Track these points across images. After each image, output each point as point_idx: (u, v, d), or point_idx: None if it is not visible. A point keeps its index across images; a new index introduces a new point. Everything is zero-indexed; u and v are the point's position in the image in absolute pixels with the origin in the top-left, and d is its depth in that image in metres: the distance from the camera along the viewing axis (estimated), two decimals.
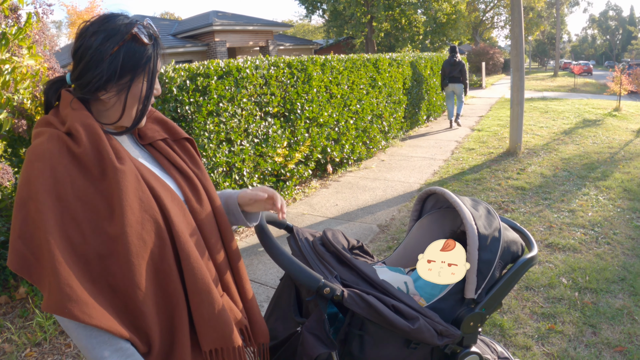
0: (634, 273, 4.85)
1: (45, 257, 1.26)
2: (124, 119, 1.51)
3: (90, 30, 1.44)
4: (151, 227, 1.40)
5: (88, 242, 1.31)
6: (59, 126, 1.41)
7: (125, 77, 1.45)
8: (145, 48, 1.47)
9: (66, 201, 1.30)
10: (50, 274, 1.24)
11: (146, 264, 1.38)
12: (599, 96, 24.31)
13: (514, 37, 10.29)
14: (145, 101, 1.52)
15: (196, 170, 1.68)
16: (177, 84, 5.33)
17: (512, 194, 7.46)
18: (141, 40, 1.46)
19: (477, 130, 13.63)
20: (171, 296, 1.45)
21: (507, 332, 3.93)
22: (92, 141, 1.38)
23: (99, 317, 1.28)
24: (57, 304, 1.23)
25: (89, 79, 1.42)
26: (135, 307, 1.36)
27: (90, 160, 1.36)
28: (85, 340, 1.31)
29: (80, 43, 1.44)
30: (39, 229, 1.27)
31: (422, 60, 14.28)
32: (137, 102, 1.50)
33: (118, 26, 1.44)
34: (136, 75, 1.46)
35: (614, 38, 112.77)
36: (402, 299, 1.79)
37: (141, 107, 1.52)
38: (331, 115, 8.42)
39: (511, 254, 2.12)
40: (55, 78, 1.56)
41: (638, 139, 11.78)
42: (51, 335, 4.04)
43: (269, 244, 1.75)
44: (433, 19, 32.12)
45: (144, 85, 1.49)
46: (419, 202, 2.46)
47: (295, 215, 6.84)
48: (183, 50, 23.11)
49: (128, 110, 1.49)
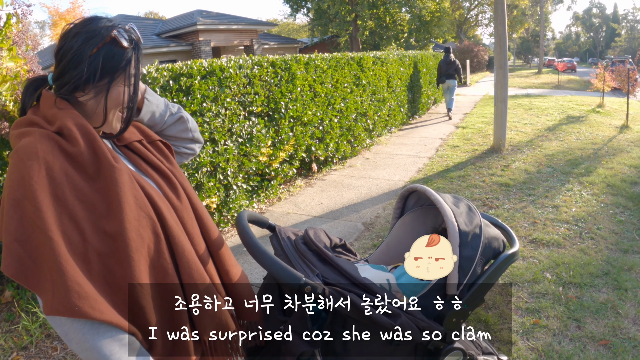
0: (618, 267, 4.89)
1: (47, 258, 1.24)
2: (106, 125, 1.51)
3: (72, 32, 1.45)
4: (147, 223, 1.42)
5: (87, 241, 1.31)
6: (46, 125, 1.40)
7: (104, 79, 1.45)
8: (125, 51, 1.48)
9: (64, 200, 1.30)
10: (55, 274, 1.23)
11: (145, 260, 1.39)
12: (583, 93, 24.49)
13: (498, 35, 10.35)
14: (130, 104, 1.52)
15: (173, 169, 1.69)
16: (160, 84, 5.31)
17: (497, 191, 7.50)
18: (120, 43, 1.46)
19: (462, 127, 13.70)
20: (171, 291, 1.46)
21: (492, 327, 3.95)
22: (87, 140, 1.39)
23: (109, 312, 1.28)
24: (65, 303, 1.22)
25: (68, 79, 1.43)
26: (136, 303, 1.37)
27: (85, 159, 1.37)
28: (92, 339, 1.29)
29: (62, 44, 1.46)
30: (39, 230, 1.25)
31: (406, 58, 14.31)
32: (118, 107, 1.50)
33: (99, 28, 1.45)
34: (115, 77, 1.46)
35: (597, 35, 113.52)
36: (384, 296, 1.80)
37: (126, 112, 1.52)
38: (315, 114, 8.42)
39: (493, 250, 2.13)
40: (35, 77, 1.56)
41: (621, 135, 11.89)
42: (37, 339, 4.02)
43: (250, 243, 1.75)
44: (417, 17, 32.19)
45: (126, 90, 1.49)
46: (400, 200, 2.47)
47: (280, 214, 6.84)
48: (167, 50, 23.00)
49: (109, 114, 1.49)
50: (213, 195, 5.93)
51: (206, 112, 5.84)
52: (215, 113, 6.01)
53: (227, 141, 6.24)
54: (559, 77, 37.12)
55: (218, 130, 6.03)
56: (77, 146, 1.36)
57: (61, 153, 1.35)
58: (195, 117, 5.69)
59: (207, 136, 5.88)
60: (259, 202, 7.15)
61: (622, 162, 9.03)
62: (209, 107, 5.88)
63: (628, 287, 4.51)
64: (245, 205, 6.60)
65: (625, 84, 15.17)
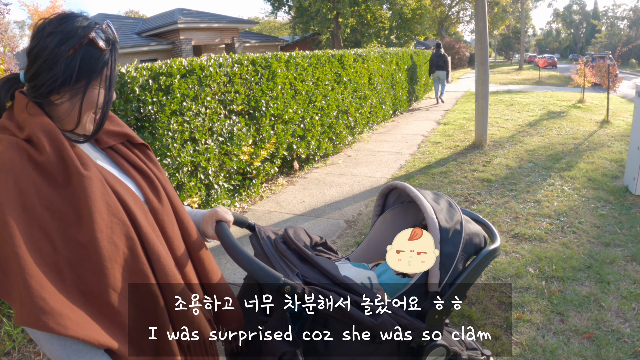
0: (600, 261, 4.93)
1: (14, 271, 1.23)
2: (80, 127, 1.47)
3: (46, 30, 1.40)
4: (120, 230, 1.39)
5: (59, 252, 1.28)
6: (17, 132, 1.37)
7: (81, 81, 1.40)
8: (102, 53, 1.43)
9: (33, 211, 1.27)
10: (22, 288, 1.22)
11: (120, 266, 1.37)
12: (564, 89, 24.65)
13: (479, 32, 10.40)
14: (105, 108, 1.48)
15: (155, 171, 1.67)
16: (140, 84, 5.26)
17: (478, 186, 7.53)
18: (98, 45, 1.41)
19: (443, 123, 13.75)
20: (152, 295, 1.45)
21: (476, 322, 3.96)
22: (55, 148, 1.35)
23: (73, 327, 1.25)
24: (31, 317, 1.21)
25: (43, 81, 1.38)
26: (113, 310, 1.35)
27: (54, 168, 1.33)
28: (59, 351, 1.29)
29: (35, 42, 1.40)
30: (6, 244, 1.23)
31: (387, 55, 14.33)
32: (92, 108, 1.46)
33: (75, 28, 1.40)
34: (92, 80, 1.42)
35: (578, 32, 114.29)
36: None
37: (100, 113, 1.48)
38: (296, 111, 8.40)
39: (474, 246, 2.13)
40: (7, 76, 1.51)
41: (602, 130, 11.98)
42: (20, 344, 3.96)
43: (229, 243, 1.74)
44: (398, 14, 32.30)
45: (101, 91, 1.45)
46: (381, 197, 2.46)
47: (263, 213, 6.81)
48: (148, 49, 22.86)
49: (83, 116, 1.45)
50: (194, 195, 5.89)
51: (186, 111, 5.80)
52: (196, 112, 5.97)
53: (208, 140, 6.20)
54: (540, 73, 37.34)
55: (198, 130, 5.99)
56: (45, 155, 1.33)
57: (29, 162, 1.31)
58: (175, 117, 5.65)
59: (187, 135, 5.83)
60: (241, 201, 7.11)
61: (603, 157, 9.09)
62: (189, 106, 5.84)
63: (610, 280, 4.54)
64: (227, 204, 6.56)
65: (606, 80, 15.29)
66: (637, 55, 76.68)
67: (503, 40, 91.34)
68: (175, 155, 5.62)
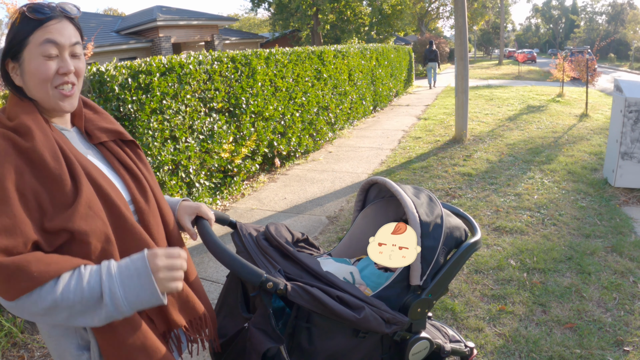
0: (580, 252, 4.97)
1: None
2: (45, 102, 1.50)
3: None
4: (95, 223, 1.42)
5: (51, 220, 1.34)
6: (7, 122, 1.42)
7: (19, 53, 1.45)
8: (33, 21, 1.44)
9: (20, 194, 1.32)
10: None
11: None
12: (543, 83, 24.87)
13: (458, 27, 10.45)
14: (65, 76, 1.50)
15: (144, 170, 1.70)
16: (119, 82, 5.22)
17: (459, 181, 7.56)
18: (28, 16, 1.44)
19: (424, 119, 13.80)
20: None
21: (459, 315, 3.99)
22: (37, 136, 1.40)
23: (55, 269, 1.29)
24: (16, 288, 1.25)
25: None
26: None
27: (38, 157, 1.37)
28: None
29: None
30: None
31: (367, 51, 14.35)
32: (45, 81, 1.46)
33: (18, 9, 1.47)
34: (24, 47, 1.45)
35: (557, 27, 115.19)
36: (346, 290, 1.79)
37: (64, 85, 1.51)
38: (277, 108, 8.39)
39: (454, 239, 2.14)
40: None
41: (581, 123, 12.09)
42: (4, 348, 3.89)
43: (210, 241, 1.73)
44: (378, 10, 32.36)
45: (48, 62, 1.46)
46: (361, 192, 2.47)
47: (244, 210, 6.80)
48: (127, 47, 22.66)
49: (36, 89, 1.47)
50: (175, 193, 5.87)
51: (166, 110, 5.77)
52: (176, 110, 5.94)
53: (188, 138, 6.18)
54: (519, 68, 37.61)
55: (179, 128, 5.97)
56: (29, 142, 1.36)
57: (14, 150, 1.35)
58: (155, 115, 5.62)
59: (167, 134, 5.81)
60: (223, 199, 7.09)
61: (582, 150, 9.18)
62: (169, 105, 5.82)
63: (591, 270, 4.59)
64: (208, 202, 6.55)
65: (584, 74, 15.44)
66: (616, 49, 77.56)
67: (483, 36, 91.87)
68: (156, 154, 5.60)
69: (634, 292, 4.24)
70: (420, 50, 37.96)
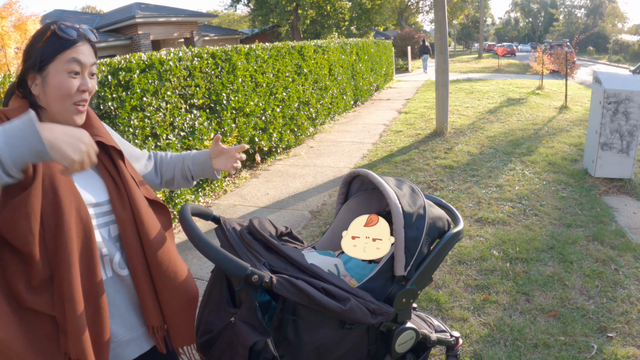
0: (562, 241, 5.03)
1: None
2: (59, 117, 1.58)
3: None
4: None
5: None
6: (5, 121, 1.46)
7: (45, 68, 1.54)
8: (62, 40, 1.55)
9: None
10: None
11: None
12: (523, 76, 25.06)
13: (438, 21, 10.49)
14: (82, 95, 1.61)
15: (123, 176, 1.72)
16: (99, 80, 5.18)
17: (441, 173, 7.60)
18: (58, 35, 1.55)
19: (405, 112, 13.84)
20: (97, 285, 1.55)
21: (444, 306, 4.01)
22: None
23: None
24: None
25: (23, 71, 1.58)
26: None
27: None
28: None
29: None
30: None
31: (347, 45, 14.35)
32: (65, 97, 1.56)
33: (43, 27, 1.58)
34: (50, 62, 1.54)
35: (536, 20, 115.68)
36: (332, 281, 1.79)
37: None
38: (257, 104, 8.37)
39: (437, 229, 2.15)
40: (13, 82, 1.65)
41: (560, 115, 12.20)
42: None
43: (195, 235, 1.73)
44: (358, 5, 32.41)
45: (70, 79, 1.56)
46: (344, 185, 2.47)
47: (227, 206, 6.78)
48: (105, 45, 22.45)
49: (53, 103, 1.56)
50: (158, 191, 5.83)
51: (147, 107, 5.74)
52: (156, 107, 5.91)
53: (169, 135, 6.15)
54: (499, 61, 37.76)
55: (159, 125, 5.94)
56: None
57: None
58: (135, 112, 5.58)
59: (148, 131, 5.77)
60: (205, 196, 7.07)
61: (562, 141, 9.27)
62: (150, 102, 5.78)
63: (573, 259, 4.65)
64: (190, 199, 6.52)
65: (564, 67, 15.56)
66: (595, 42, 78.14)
67: (462, 30, 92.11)
68: None
69: (616, 279, 4.30)
70: (401, 44, 38.29)
